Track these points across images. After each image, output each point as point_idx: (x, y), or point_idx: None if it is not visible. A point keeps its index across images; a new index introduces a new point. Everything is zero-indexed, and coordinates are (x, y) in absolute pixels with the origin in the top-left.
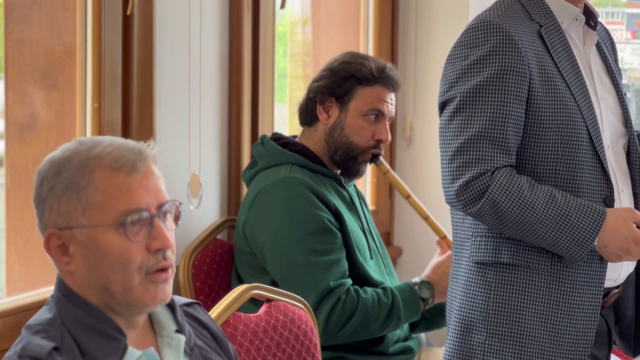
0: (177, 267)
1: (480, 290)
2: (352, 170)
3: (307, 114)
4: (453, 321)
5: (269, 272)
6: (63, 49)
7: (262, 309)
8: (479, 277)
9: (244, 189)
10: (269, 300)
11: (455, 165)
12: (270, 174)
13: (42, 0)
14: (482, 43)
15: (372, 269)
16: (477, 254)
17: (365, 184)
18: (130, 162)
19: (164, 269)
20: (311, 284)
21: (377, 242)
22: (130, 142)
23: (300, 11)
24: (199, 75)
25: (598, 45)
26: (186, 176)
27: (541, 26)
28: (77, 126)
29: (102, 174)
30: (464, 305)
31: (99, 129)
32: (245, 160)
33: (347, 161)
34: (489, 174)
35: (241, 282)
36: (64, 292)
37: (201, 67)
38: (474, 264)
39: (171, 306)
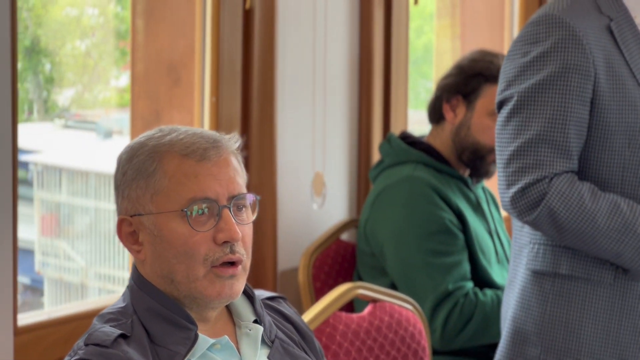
0: (297, 267)
1: (536, 301)
2: (480, 170)
3: (435, 112)
4: (506, 331)
5: (388, 273)
6: (185, 43)
7: (367, 309)
8: (535, 287)
9: None
10: (374, 300)
11: (511, 169)
12: (394, 173)
13: None
14: (543, 39)
15: (497, 272)
16: (534, 263)
17: None
18: (201, 150)
19: (231, 263)
20: (429, 286)
21: (505, 247)
22: (207, 132)
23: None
24: (324, 71)
25: None
26: (309, 174)
27: (611, 20)
28: (196, 121)
29: (171, 159)
30: (518, 316)
31: (217, 124)
32: (375, 159)
33: (474, 161)
34: (547, 180)
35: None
36: (137, 281)
37: (326, 63)
38: (530, 273)
39: (250, 297)
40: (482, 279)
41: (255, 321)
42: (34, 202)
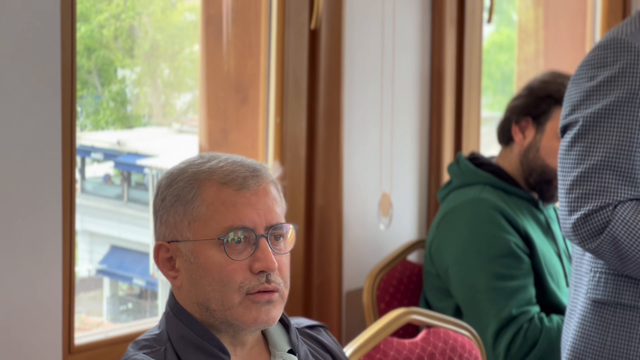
0: (363, 288)
1: (595, 331)
2: (546, 193)
3: (504, 134)
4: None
5: (453, 295)
6: (253, 62)
7: (420, 335)
8: (596, 317)
9: None
10: (428, 325)
11: (573, 196)
12: (461, 194)
13: (236, 13)
14: (610, 63)
15: (567, 296)
16: (595, 292)
17: None
18: (241, 179)
19: (266, 292)
20: (492, 310)
21: None
22: (248, 160)
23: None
24: (392, 90)
25: None
26: (376, 195)
27: None
28: (260, 141)
29: (210, 187)
30: (577, 345)
31: (281, 144)
32: (446, 179)
33: (541, 184)
34: (611, 207)
35: (428, 305)
36: (173, 308)
37: (394, 82)
38: (590, 302)
39: (286, 326)
40: (551, 303)
41: (291, 351)
42: (149, 206)
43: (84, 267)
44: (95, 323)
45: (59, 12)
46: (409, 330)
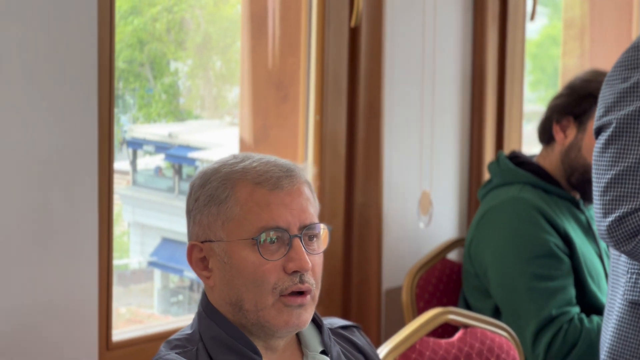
0: (401, 287)
1: (633, 332)
2: (588, 193)
3: (545, 133)
4: None
5: (492, 295)
6: (293, 60)
7: (457, 335)
8: (633, 318)
9: None
10: (465, 325)
11: (607, 198)
12: (501, 193)
13: (277, 11)
14: None
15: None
16: (632, 293)
17: None
18: (274, 179)
19: (300, 293)
20: (532, 310)
21: None
22: (281, 160)
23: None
24: (433, 87)
25: None
26: (416, 193)
27: None
28: (300, 139)
29: (243, 187)
30: (614, 347)
31: (321, 142)
32: (486, 178)
33: (583, 184)
34: None
35: (467, 304)
36: (206, 308)
37: (435, 79)
38: (627, 303)
39: (319, 326)
40: (591, 304)
41: (324, 352)
42: None
43: (135, 259)
44: (145, 315)
45: (95, 8)
46: (448, 330)
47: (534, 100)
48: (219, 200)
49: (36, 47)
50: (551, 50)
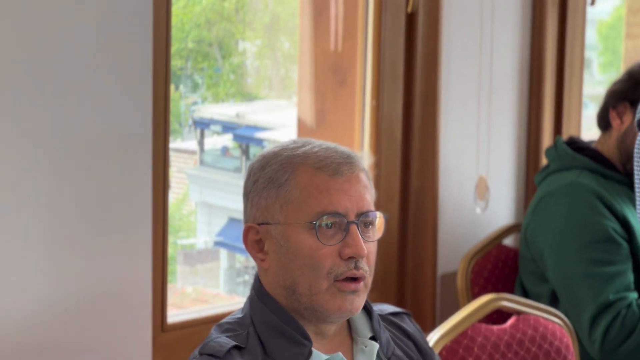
0: (456, 272)
1: None
2: None
3: (602, 119)
4: None
5: (549, 280)
6: (350, 45)
7: (509, 322)
8: None
9: None
10: (518, 312)
11: None
12: (558, 178)
13: None
14: None
15: None
16: None
17: None
18: (335, 165)
19: (354, 279)
20: (589, 295)
21: None
22: (341, 147)
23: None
24: (490, 72)
25: None
26: (473, 178)
27: None
28: (357, 123)
29: (304, 172)
30: None
31: (377, 127)
32: (543, 164)
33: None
34: None
35: (524, 289)
36: (258, 292)
37: (493, 64)
38: None
39: (369, 312)
40: None
41: (373, 337)
42: None
43: (201, 239)
44: (211, 295)
45: None
46: (503, 316)
47: (604, 83)
48: (279, 183)
49: (92, 31)
50: (622, 31)
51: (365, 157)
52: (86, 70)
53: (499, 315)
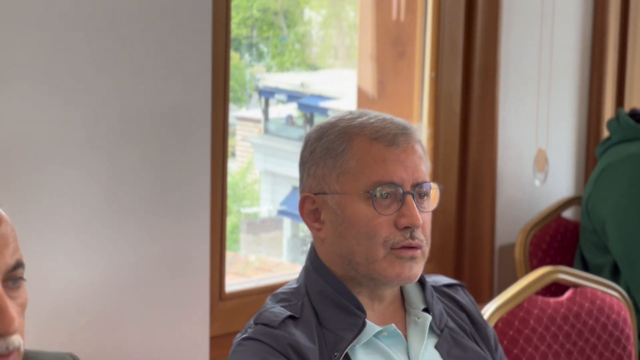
0: (514, 244)
1: None
2: None
3: None
4: None
5: (611, 251)
6: (411, 17)
7: (566, 295)
8: None
9: None
10: (575, 285)
11: None
12: (621, 150)
13: None
14: None
15: None
16: None
17: None
18: (391, 135)
19: (411, 247)
20: None
21: None
22: (397, 118)
23: None
24: (551, 45)
25: None
26: (532, 151)
27: None
28: (416, 95)
29: (360, 142)
30: None
31: (435, 99)
32: (604, 136)
33: None
34: None
35: (584, 262)
36: (313, 263)
37: (554, 37)
38: None
39: (422, 284)
40: None
41: (426, 309)
42: None
43: (265, 207)
44: (274, 263)
45: None
46: (561, 289)
47: None
48: (336, 153)
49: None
50: None
51: (421, 129)
52: (145, 38)
53: (556, 288)
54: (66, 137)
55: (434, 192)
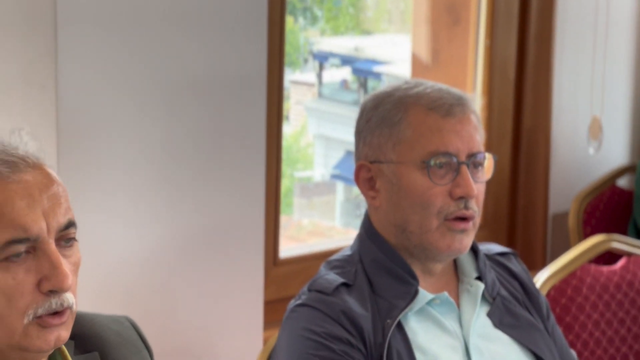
0: (569, 212)
1: None
2: None
3: None
4: None
5: None
6: None
7: (619, 263)
8: None
9: None
10: (629, 254)
11: None
12: None
13: None
14: None
15: None
16: None
17: None
18: (447, 105)
19: (463, 219)
20: None
21: None
22: (453, 89)
23: None
24: (607, 11)
25: None
26: (586, 118)
27: None
28: (470, 62)
29: (417, 112)
30: None
31: (490, 67)
32: None
33: None
34: None
35: (638, 230)
36: (368, 231)
37: (609, 4)
38: None
39: (475, 252)
40: None
41: (479, 278)
42: None
43: (318, 171)
44: (327, 228)
45: None
46: (615, 258)
47: None
48: (392, 123)
49: None
50: None
51: (476, 99)
52: (201, 4)
53: (610, 257)
54: (122, 105)
55: (488, 162)
